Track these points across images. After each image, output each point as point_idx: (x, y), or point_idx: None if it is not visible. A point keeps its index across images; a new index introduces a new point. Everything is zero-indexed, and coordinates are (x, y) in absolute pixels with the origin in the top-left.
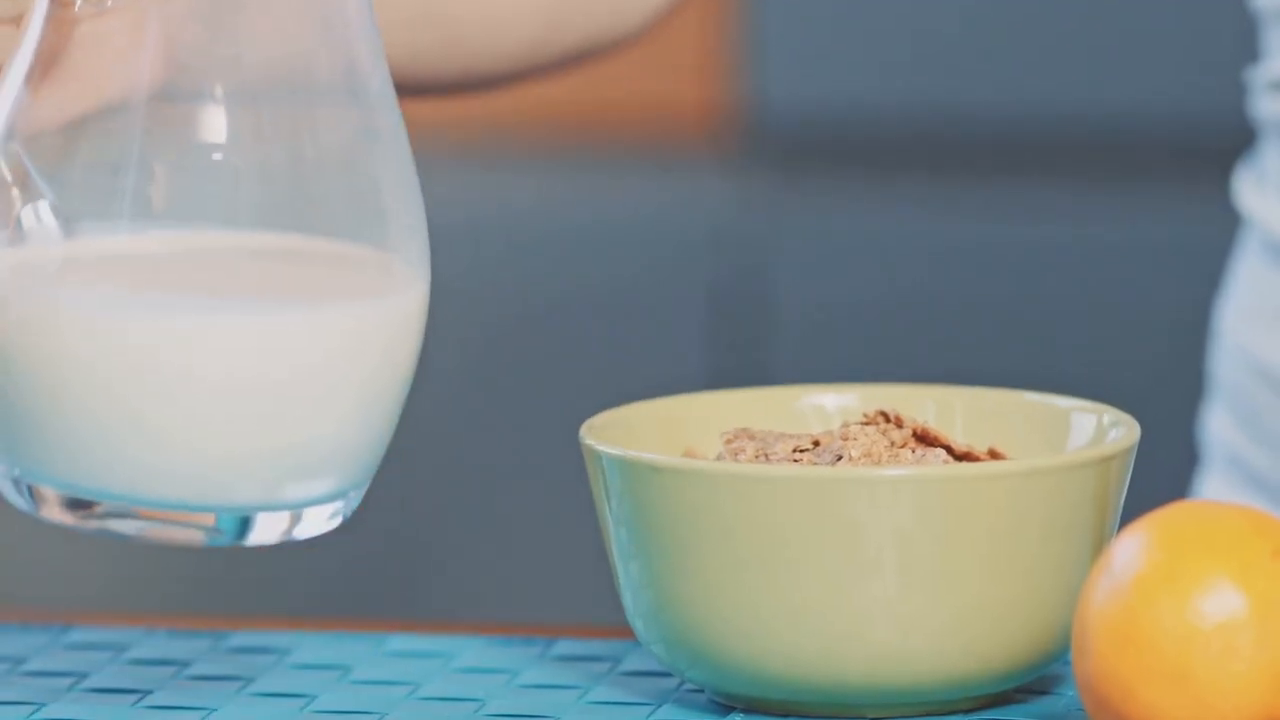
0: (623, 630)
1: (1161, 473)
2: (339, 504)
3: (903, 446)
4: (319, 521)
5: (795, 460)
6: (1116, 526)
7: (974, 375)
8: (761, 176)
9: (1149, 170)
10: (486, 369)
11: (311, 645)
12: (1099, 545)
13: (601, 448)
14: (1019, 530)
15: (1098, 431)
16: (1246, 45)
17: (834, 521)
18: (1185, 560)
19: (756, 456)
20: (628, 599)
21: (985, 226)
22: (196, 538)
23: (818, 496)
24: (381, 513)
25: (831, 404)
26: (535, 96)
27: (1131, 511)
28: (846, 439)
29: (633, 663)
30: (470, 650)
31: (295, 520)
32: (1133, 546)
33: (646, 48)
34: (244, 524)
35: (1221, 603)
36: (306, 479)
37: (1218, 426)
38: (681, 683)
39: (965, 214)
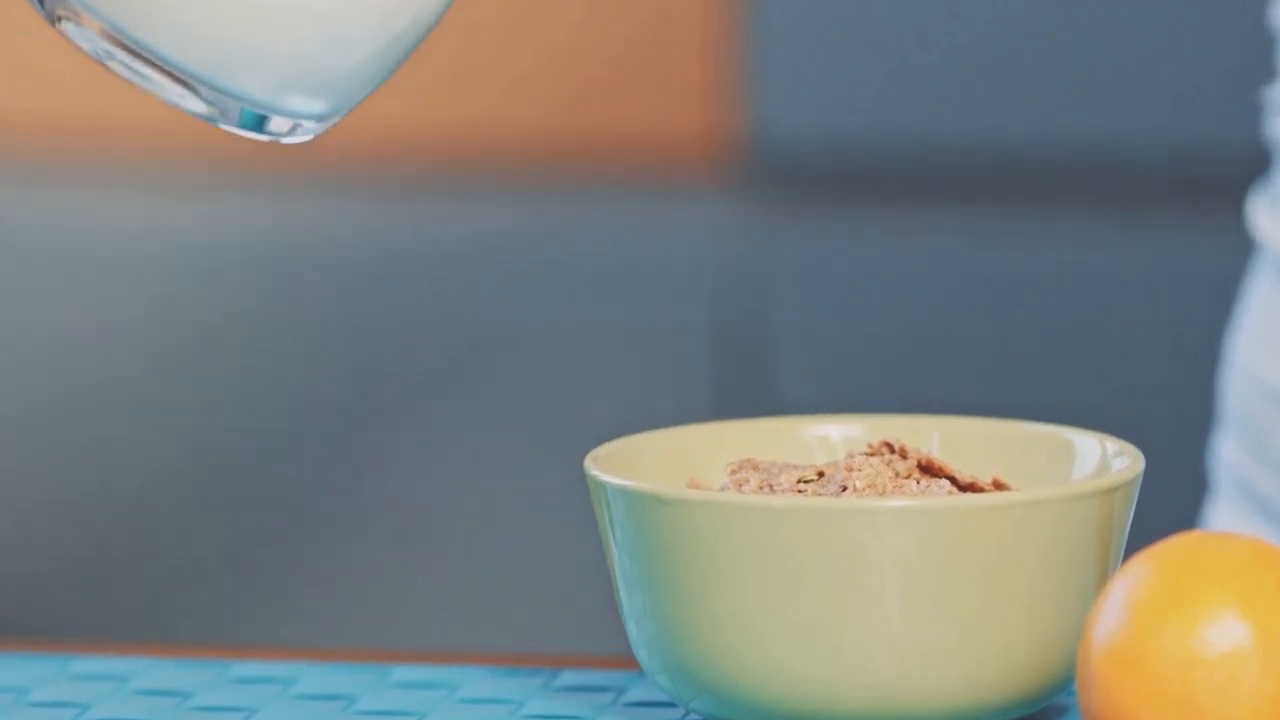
0: (627, 661)
1: (1171, 502)
2: (318, 124)
3: (907, 477)
4: (296, 133)
5: (800, 491)
6: (1121, 557)
7: (979, 405)
8: (764, 205)
9: (1157, 197)
10: (489, 398)
11: (316, 676)
12: (1103, 576)
13: (606, 478)
14: (1023, 561)
15: (1102, 462)
16: (1262, 67)
17: (838, 552)
18: (1189, 590)
19: (761, 487)
20: (632, 629)
21: (990, 255)
22: (199, 109)
23: (822, 527)
24: (386, 543)
25: (836, 434)
26: (535, 124)
27: (1140, 541)
28: (851, 470)
29: (637, 693)
30: (475, 681)
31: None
32: (1137, 577)
33: (647, 75)
34: (250, 118)
35: (1226, 633)
36: (308, 93)
37: (1228, 454)
38: (686, 713)
39: (970, 243)
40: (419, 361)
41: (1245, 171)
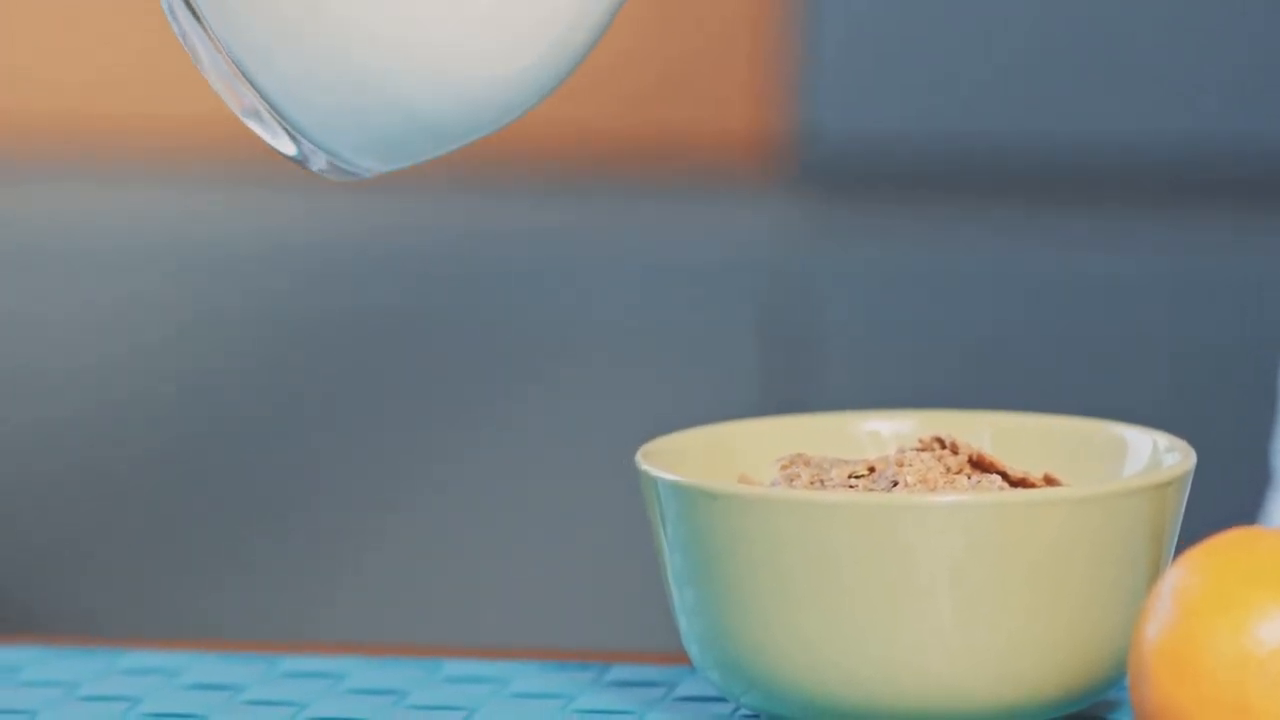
0: (678, 656)
1: (1233, 497)
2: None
3: (958, 473)
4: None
5: (850, 486)
6: (1173, 553)
7: (1031, 401)
8: (814, 205)
9: (1213, 196)
10: (542, 395)
11: (365, 670)
12: (1155, 572)
13: (657, 473)
14: (1074, 557)
15: (1153, 458)
16: None
17: (888, 548)
18: (1241, 587)
19: (811, 483)
20: (682, 624)
21: (1040, 253)
22: (288, 150)
23: (872, 523)
24: (437, 538)
25: (887, 430)
26: (586, 124)
27: (1199, 535)
28: (902, 465)
29: (688, 688)
30: (525, 676)
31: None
32: (1188, 573)
33: (697, 76)
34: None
35: (1277, 630)
36: (383, 161)
37: None
38: (736, 708)
39: (1019, 240)
40: (469, 357)
41: None
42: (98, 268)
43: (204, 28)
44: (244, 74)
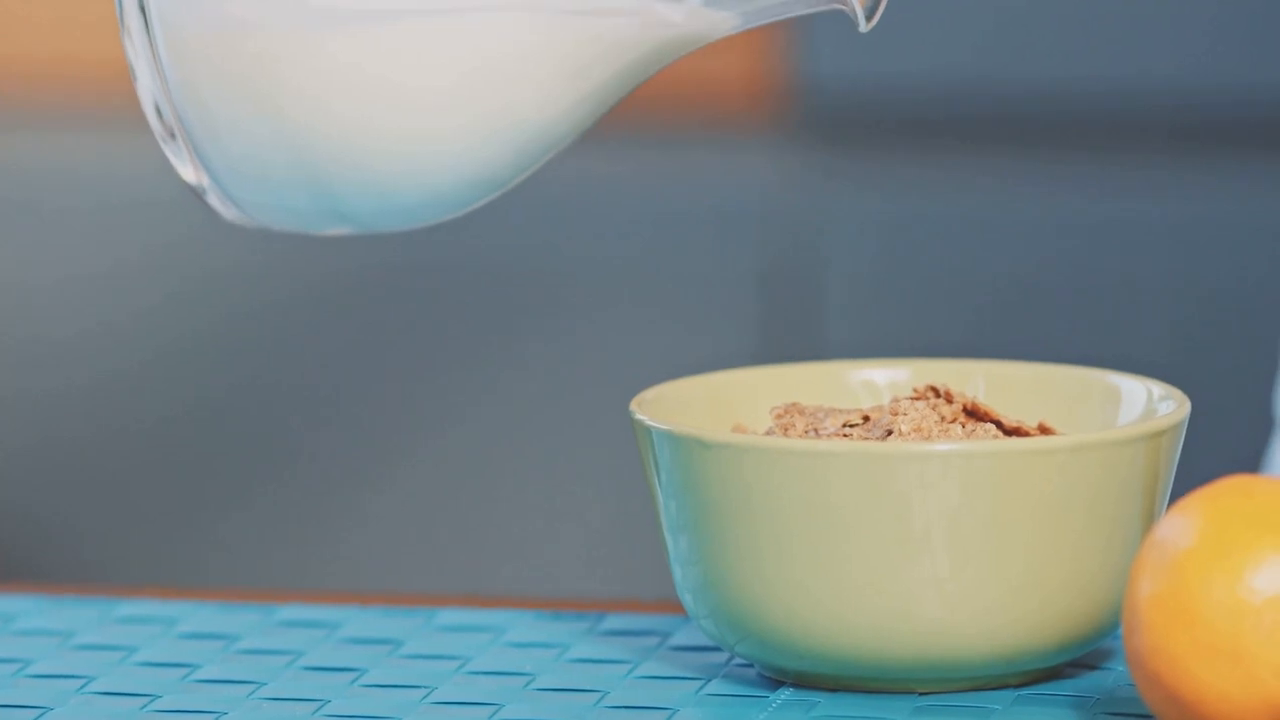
0: (672, 605)
1: (1236, 444)
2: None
3: (953, 421)
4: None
5: (845, 435)
6: (1167, 501)
7: (1026, 350)
8: (812, 151)
9: (1211, 142)
10: (537, 343)
11: (361, 619)
12: (1149, 520)
13: (651, 422)
14: (1069, 505)
15: (1148, 406)
16: None
17: (883, 496)
18: (1235, 535)
19: (806, 431)
20: (677, 574)
21: (1038, 202)
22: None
23: (867, 471)
24: (431, 487)
25: (881, 379)
26: None
27: (1198, 482)
28: (896, 414)
29: (682, 638)
30: (520, 625)
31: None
32: (1183, 522)
33: None
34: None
35: (1272, 578)
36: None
37: None
38: (731, 658)
39: (1016, 189)
40: (468, 306)
41: None
42: (90, 229)
43: (153, 51)
44: (186, 130)
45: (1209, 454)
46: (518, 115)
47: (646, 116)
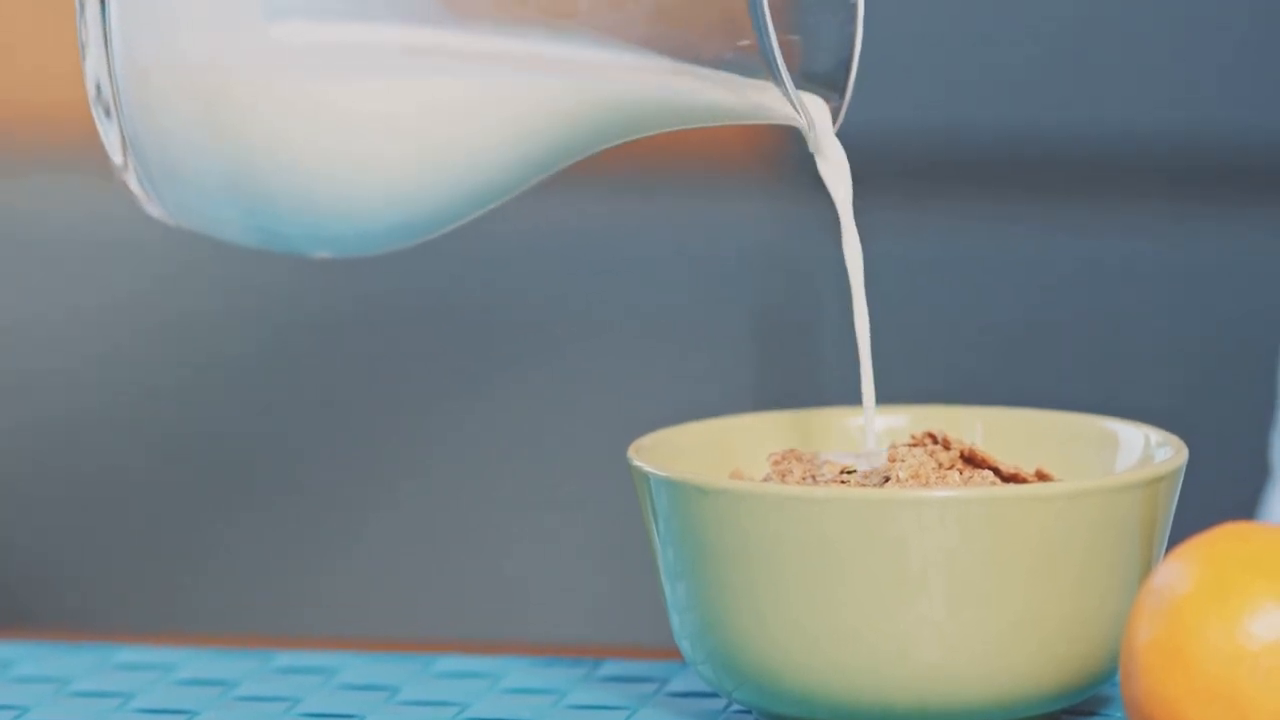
0: (670, 651)
1: (1232, 491)
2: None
3: (950, 468)
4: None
5: (843, 482)
6: (1165, 547)
7: (1024, 395)
8: (809, 197)
9: (1210, 188)
10: (534, 388)
11: (359, 666)
12: (1146, 566)
13: (649, 469)
14: (1066, 551)
15: (1145, 453)
16: None
17: (881, 542)
18: (1233, 582)
19: (804, 478)
20: (675, 619)
21: (1038, 248)
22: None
23: (865, 518)
24: (428, 531)
25: (879, 425)
26: None
27: (1195, 529)
28: (894, 460)
29: (680, 683)
30: (517, 671)
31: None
32: (1180, 568)
33: None
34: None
35: (1269, 624)
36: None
37: None
38: (729, 703)
39: (1014, 235)
40: (466, 349)
41: None
42: (85, 264)
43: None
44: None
45: (1206, 500)
46: (461, 154)
47: (646, 161)
